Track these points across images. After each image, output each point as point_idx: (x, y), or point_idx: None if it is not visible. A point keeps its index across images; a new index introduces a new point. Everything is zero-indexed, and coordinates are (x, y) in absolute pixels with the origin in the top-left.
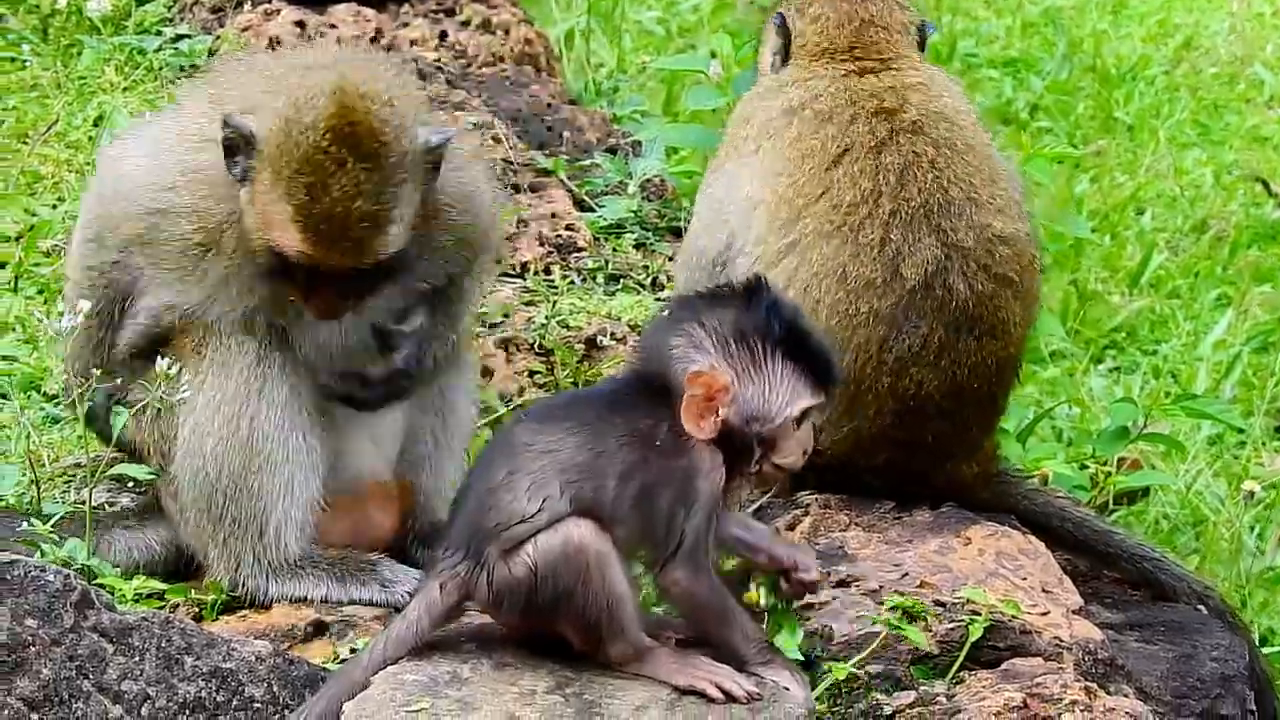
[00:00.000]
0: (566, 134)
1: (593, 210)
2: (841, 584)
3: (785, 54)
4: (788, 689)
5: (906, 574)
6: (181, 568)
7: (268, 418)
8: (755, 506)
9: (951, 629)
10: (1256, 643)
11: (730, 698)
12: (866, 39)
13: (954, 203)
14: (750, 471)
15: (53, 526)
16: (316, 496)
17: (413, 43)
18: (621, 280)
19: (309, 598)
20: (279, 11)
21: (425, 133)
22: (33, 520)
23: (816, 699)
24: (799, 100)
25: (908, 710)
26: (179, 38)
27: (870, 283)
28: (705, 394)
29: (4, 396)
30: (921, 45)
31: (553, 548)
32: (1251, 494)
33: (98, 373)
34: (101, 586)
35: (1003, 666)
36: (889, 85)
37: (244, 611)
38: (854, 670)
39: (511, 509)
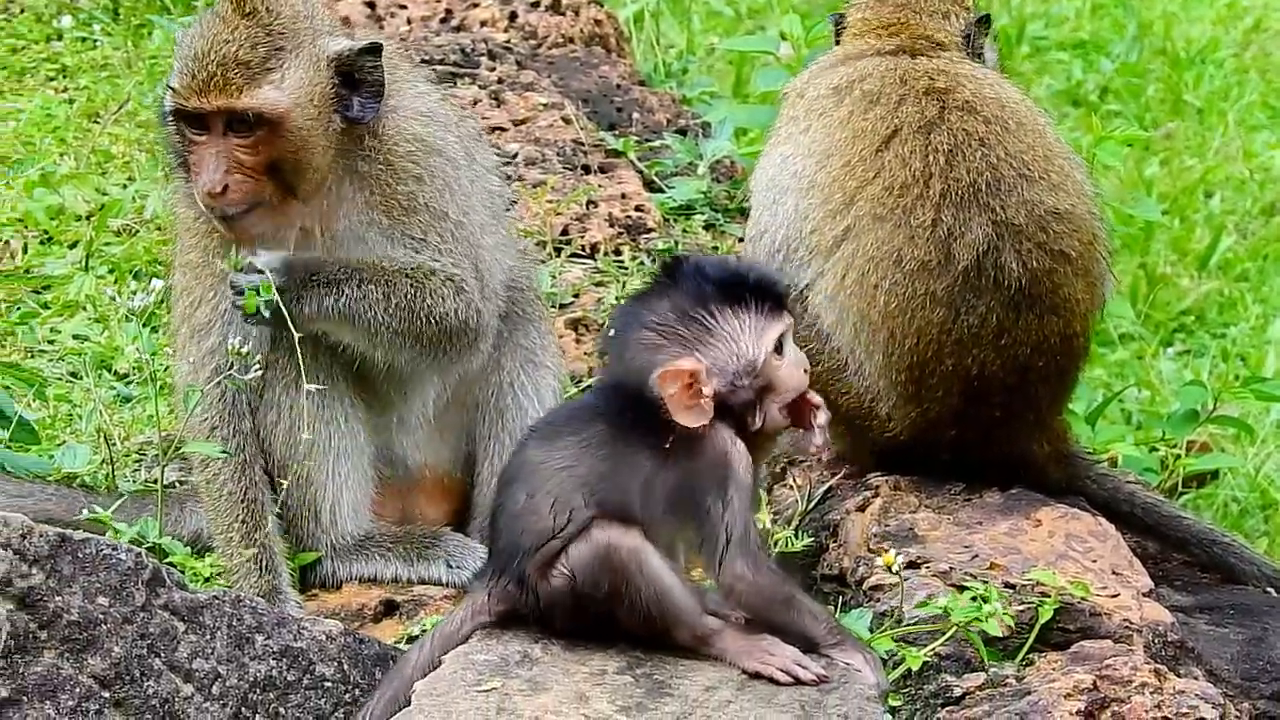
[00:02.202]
0: (636, 115)
1: (662, 191)
2: (911, 565)
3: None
4: (859, 671)
5: (976, 555)
6: None
7: (304, 407)
8: (825, 489)
9: (1021, 611)
10: None
11: (797, 682)
12: (903, 18)
13: (1004, 180)
14: (758, 426)
15: (125, 504)
16: (366, 478)
17: (483, 23)
18: None
19: (378, 577)
20: None
21: (340, 41)
22: (94, 508)
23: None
24: (847, 79)
25: (977, 692)
26: None
27: (925, 265)
28: (682, 385)
29: (76, 375)
30: (969, 40)
31: (584, 554)
32: None
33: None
34: (173, 565)
35: (1072, 649)
36: (940, 69)
37: (315, 591)
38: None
39: (540, 529)
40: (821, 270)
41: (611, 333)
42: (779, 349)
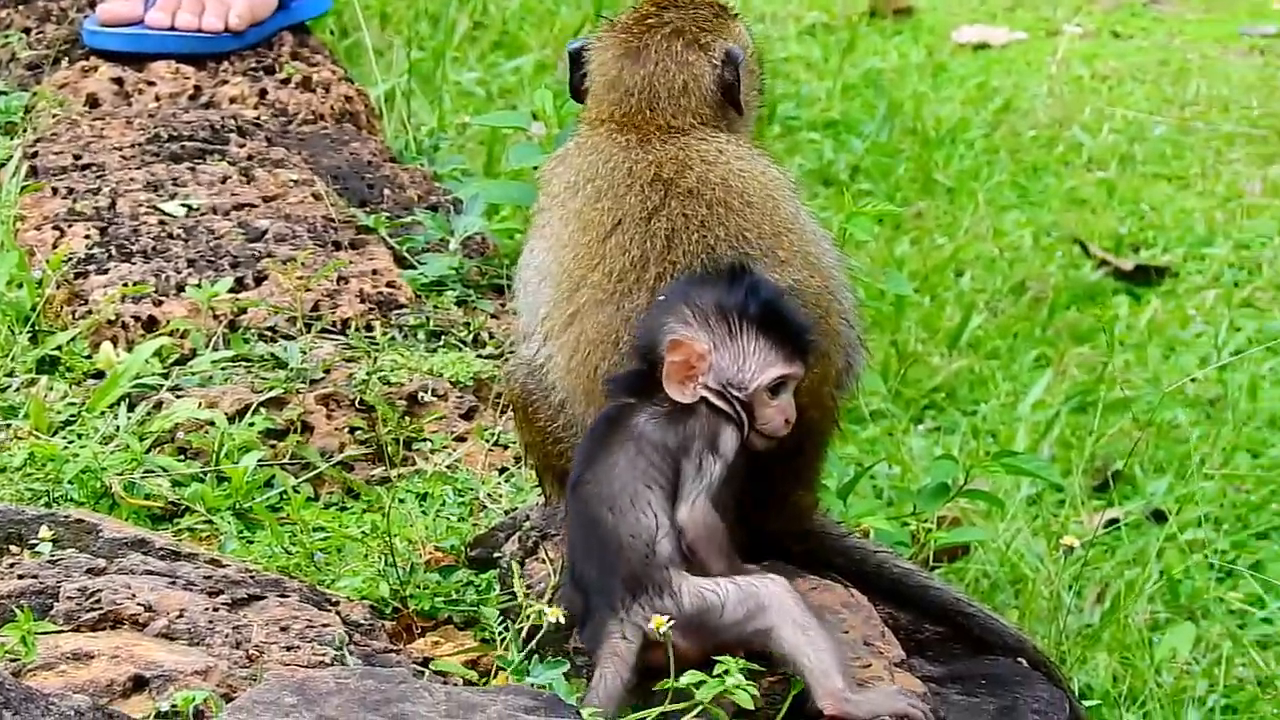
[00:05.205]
0: (388, 191)
1: (414, 267)
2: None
3: (578, 92)
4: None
5: None
6: None
7: None
8: None
9: (774, 682)
10: (1076, 695)
11: None
12: (637, 107)
13: (722, 260)
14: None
15: None
16: None
17: (232, 99)
18: (443, 337)
19: None
20: (96, 68)
21: None
22: None
23: None
24: (584, 175)
25: None
26: None
27: None
28: (685, 360)
29: None
30: (729, 94)
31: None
32: (1070, 549)
33: None
34: None
35: None
36: (672, 156)
37: (63, 667)
38: None
39: (641, 532)
40: (552, 353)
41: (661, 299)
42: (775, 390)
